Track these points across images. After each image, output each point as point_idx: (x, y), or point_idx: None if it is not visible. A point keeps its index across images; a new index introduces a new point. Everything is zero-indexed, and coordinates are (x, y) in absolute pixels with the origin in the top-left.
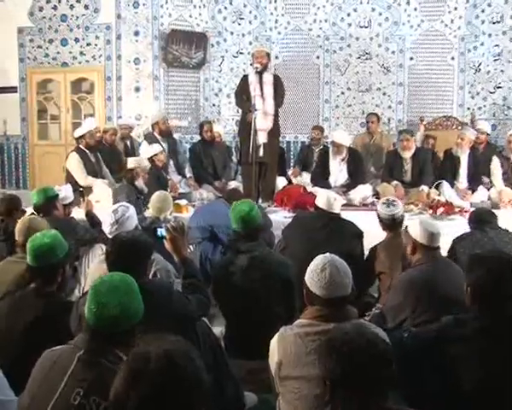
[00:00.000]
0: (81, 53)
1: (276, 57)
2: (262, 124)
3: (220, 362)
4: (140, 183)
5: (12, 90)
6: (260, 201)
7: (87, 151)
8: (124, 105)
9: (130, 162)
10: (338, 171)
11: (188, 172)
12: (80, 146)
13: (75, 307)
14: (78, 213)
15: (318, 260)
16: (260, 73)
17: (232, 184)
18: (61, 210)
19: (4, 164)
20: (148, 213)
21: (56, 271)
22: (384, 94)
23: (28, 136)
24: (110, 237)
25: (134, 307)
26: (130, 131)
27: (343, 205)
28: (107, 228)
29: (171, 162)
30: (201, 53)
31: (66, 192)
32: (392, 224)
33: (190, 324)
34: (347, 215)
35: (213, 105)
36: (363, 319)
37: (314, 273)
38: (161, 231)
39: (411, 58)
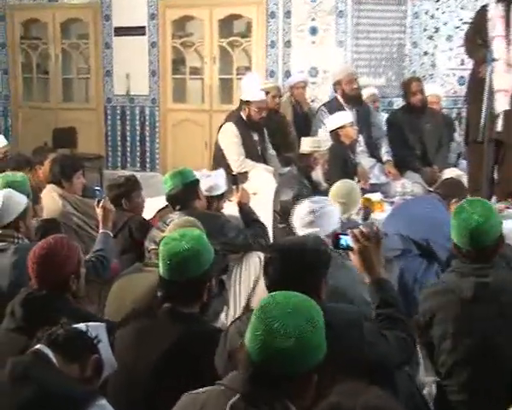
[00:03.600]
0: None
1: None
2: (503, 81)
3: None
4: (317, 175)
5: (138, 31)
6: (494, 199)
7: (249, 125)
8: (293, 54)
9: (306, 144)
10: None
11: (385, 155)
12: (242, 115)
13: (223, 339)
14: (226, 207)
15: None
16: (508, 3)
17: (447, 173)
18: (204, 201)
19: (126, 135)
20: None
21: (200, 286)
22: None
23: (159, 97)
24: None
25: (316, 342)
26: (304, 93)
27: None
28: (295, 222)
29: (361, 139)
30: None
31: (216, 179)
32: None
33: (386, 372)
34: None
35: (425, 53)
36: None
37: None
38: (346, 240)
39: None
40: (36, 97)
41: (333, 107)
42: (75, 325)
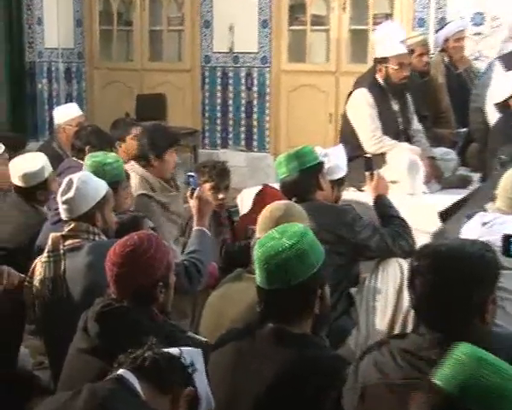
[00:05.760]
0: None
1: None
2: None
3: None
4: None
5: None
6: None
7: (388, 89)
8: None
9: None
10: None
11: None
12: (377, 78)
13: (353, 372)
14: (353, 197)
15: None
16: None
17: None
18: (329, 192)
19: (228, 105)
20: (491, 207)
21: (309, 295)
22: None
23: (271, 55)
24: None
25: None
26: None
27: None
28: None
29: None
30: None
31: (335, 159)
32: None
33: None
34: None
35: None
36: None
37: None
38: None
39: None
40: (116, 56)
41: (507, 63)
42: (166, 349)
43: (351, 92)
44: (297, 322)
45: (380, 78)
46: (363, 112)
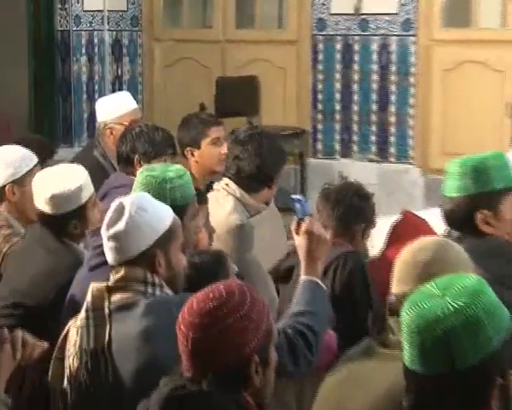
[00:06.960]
0: None
1: None
2: None
3: None
4: None
5: None
6: None
7: None
8: None
9: None
10: None
11: None
12: None
13: None
14: None
15: None
16: None
17: None
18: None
19: (352, 96)
20: None
21: (483, 387)
22: None
23: (417, 18)
24: None
25: None
26: None
27: None
28: None
29: None
30: None
31: None
32: None
33: None
34: None
35: None
36: None
37: None
38: None
39: None
40: (187, 21)
41: None
42: None
43: None
44: (471, 399)
45: None
46: None
